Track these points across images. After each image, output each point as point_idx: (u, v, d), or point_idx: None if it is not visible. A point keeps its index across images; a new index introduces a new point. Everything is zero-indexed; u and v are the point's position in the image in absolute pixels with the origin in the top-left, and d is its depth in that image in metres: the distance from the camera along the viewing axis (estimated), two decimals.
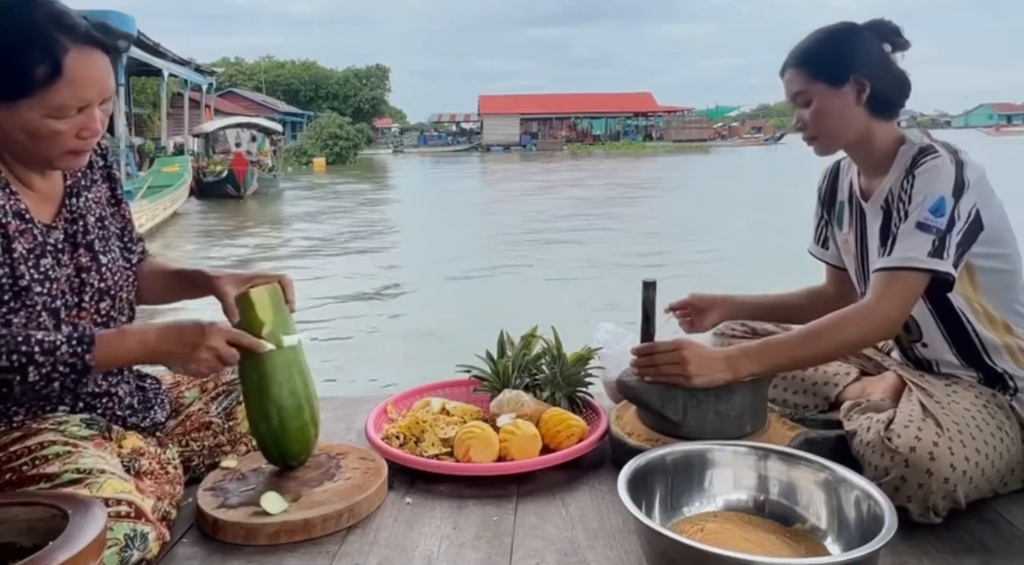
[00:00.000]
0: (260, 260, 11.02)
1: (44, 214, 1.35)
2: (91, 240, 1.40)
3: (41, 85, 1.18)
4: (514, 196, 19.76)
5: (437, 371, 2.18)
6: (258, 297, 1.46)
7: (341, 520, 1.39)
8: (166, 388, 1.62)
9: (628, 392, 1.63)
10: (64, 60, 1.18)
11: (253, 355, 1.42)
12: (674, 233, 12.41)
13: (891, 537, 1.06)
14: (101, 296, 1.40)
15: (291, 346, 1.48)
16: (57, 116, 1.21)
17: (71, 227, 1.38)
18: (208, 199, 19.26)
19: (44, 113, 1.20)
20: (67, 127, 1.23)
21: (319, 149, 40.20)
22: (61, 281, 1.33)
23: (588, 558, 1.31)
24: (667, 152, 50.75)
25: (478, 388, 1.90)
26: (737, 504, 1.34)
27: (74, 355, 1.23)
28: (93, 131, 1.27)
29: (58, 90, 1.19)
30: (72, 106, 1.22)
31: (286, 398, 1.46)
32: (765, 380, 1.60)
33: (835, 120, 1.56)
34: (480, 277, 9.17)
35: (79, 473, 1.18)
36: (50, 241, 1.33)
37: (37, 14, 1.19)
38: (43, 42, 1.17)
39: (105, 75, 1.25)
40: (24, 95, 1.18)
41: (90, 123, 1.25)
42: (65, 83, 1.19)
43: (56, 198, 1.38)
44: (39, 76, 1.17)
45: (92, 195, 1.45)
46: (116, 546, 1.10)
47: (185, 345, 1.31)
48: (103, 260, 1.41)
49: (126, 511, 1.15)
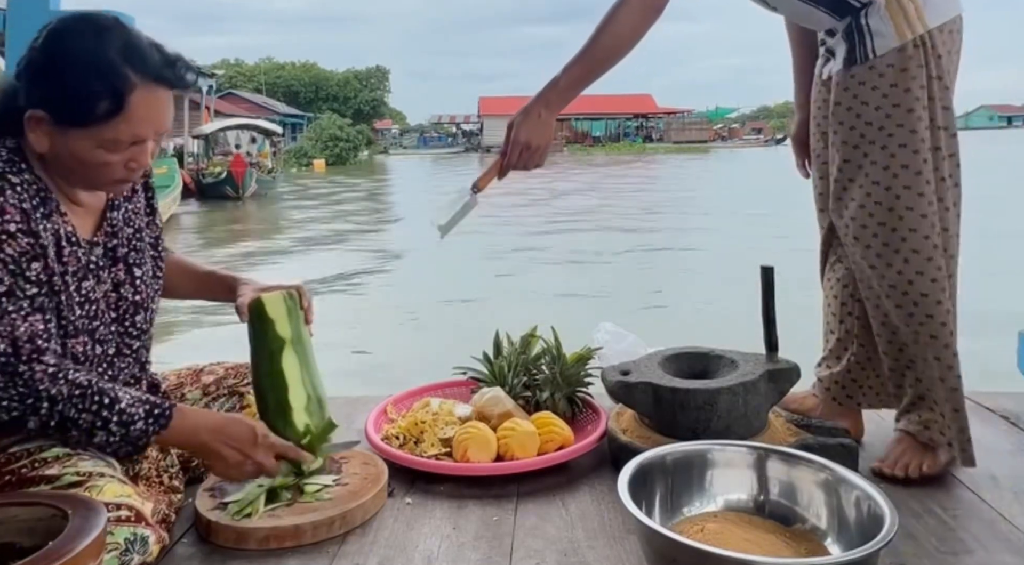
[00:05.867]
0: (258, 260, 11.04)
1: (86, 230, 1.33)
2: (126, 253, 1.39)
3: (100, 120, 1.15)
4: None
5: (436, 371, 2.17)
6: (269, 300, 1.47)
7: (333, 527, 1.38)
8: (169, 389, 1.62)
9: (613, 395, 1.67)
10: (128, 98, 1.16)
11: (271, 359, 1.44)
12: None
13: (891, 537, 1.06)
14: (136, 309, 1.39)
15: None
16: (109, 149, 1.19)
17: (110, 241, 1.36)
18: (207, 200, 19.27)
19: (96, 144, 1.18)
20: (117, 159, 1.21)
21: (319, 151, 40.23)
22: (100, 301, 1.32)
23: (588, 558, 1.31)
24: (667, 153, 50.70)
25: (475, 389, 1.90)
26: (737, 504, 1.34)
27: (144, 434, 1.21)
28: (142, 164, 1.25)
29: (116, 126, 1.17)
30: (126, 142, 1.20)
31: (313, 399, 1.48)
32: (761, 382, 1.60)
33: None
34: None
35: (79, 476, 1.18)
36: (92, 258, 1.32)
37: (110, 45, 1.16)
38: (111, 76, 1.15)
39: (165, 114, 1.23)
40: (81, 125, 1.16)
41: (141, 157, 1.24)
42: (124, 120, 1.16)
43: (98, 211, 1.36)
44: (100, 110, 1.15)
45: (131, 206, 1.43)
46: (116, 550, 1.10)
47: (234, 450, 1.30)
48: (137, 273, 1.40)
49: (126, 515, 1.14)
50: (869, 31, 1.54)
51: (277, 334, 1.46)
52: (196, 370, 1.68)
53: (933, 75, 1.52)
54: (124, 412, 1.20)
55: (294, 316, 1.49)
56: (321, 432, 1.46)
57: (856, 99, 1.57)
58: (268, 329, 1.45)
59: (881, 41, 1.53)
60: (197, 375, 1.66)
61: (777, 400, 1.67)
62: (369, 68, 67.14)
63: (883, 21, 1.53)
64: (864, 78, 1.55)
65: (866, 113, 1.56)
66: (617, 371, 1.69)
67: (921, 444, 1.60)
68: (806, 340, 1.98)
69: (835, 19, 1.59)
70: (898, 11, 1.51)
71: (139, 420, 1.21)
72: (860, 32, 1.55)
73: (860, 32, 1.55)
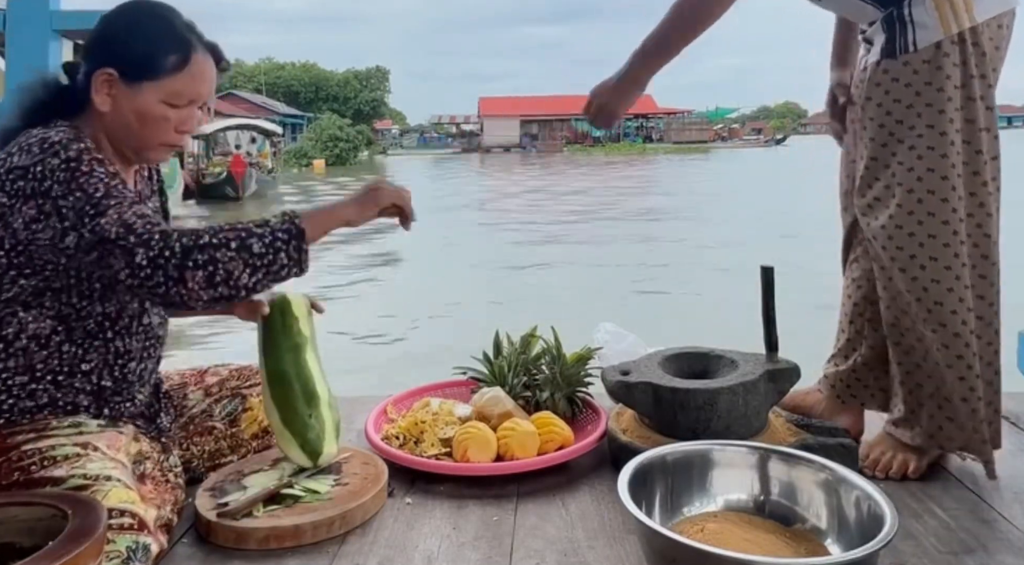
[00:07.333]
0: None
1: None
2: None
3: (169, 71, 1.32)
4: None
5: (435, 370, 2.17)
6: (295, 298, 1.53)
7: (332, 527, 1.38)
8: (172, 389, 1.62)
9: (613, 395, 1.67)
10: (192, 56, 1.34)
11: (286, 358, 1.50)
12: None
13: (891, 537, 1.06)
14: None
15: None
16: (171, 102, 1.33)
17: None
18: (207, 201, 19.26)
19: (161, 97, 1.32)
20: (174, 117, 1.34)
21: (319, 151, 40.24)
22: None
23: (588, 558, 1.31)
24: (667, 153, 50.70)
25: (475, 389, 1.90)
26: (737, 504, 1.34)
27: (285, 221, 1.27)
28: (190, 128, 1.38)
29: (180, 79, 1.33)
30: (186, 97, 1.34)
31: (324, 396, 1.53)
32: (761, 382, 1.60)
33: None
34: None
35: (85, 479, 1.18)
36: None
37: (177, 18, 1.36)
38: (179, 37, 1.34)
39: (214, 80, 1.39)
40: (151, 78, 1.31)
41: (190, 120, 1.37)
42: (187, 74, 1.33)
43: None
44: (170, 63, 1.32)
45: (152, 205, 1.51)
46: (118, 558, 1.10)
47: (365, 194, 1.38)
48: None
49: (129, 523, 1.15)
50: (912, 22, 1.46)
51: (301, 331, 1.52)
52: (200, 371, 1.69)
53: (975, 74, 1.44)
54: (251, 221, 1.26)
55: (311, 320, 1.56)
56: (338, 430, 1.55)
57: (888, 95, 1.50)
58: (293, 324, 1.52)
59: (923, 34, 1.45)
60: (201, 376, 1.67)
61: (777, 400, 1.67)
62: (369, 68, 67.23)
63: (927, 12, 1.44)
64: (897, 73, 1.48)
65: (896, 110, 1.49)
66: (617, 371, 1.69)
67: (903, 444, 1.59)
68: (806, 340, 1.98)
69: (879, 10, 1.51)
70: (944, 1, 1.42)
71: (271, 218, 1.28)
72: (902, 23, 1.47)
73: (902, 23, 1.47)
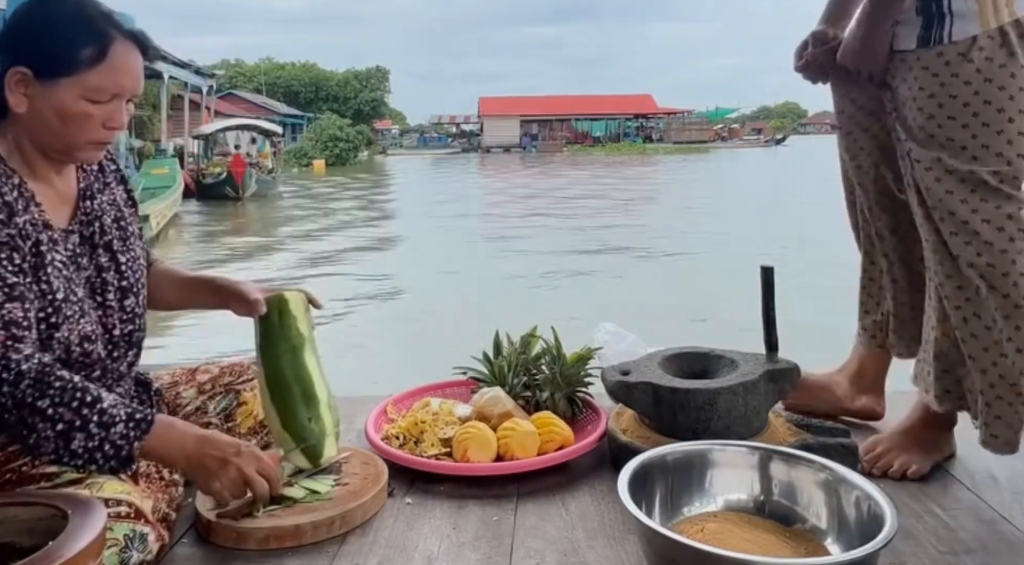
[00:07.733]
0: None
1: (61, 219, 1.34)
2: (109, 240, 1.40)
3: (85, 66, 1.24)
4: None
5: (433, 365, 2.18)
6: (292, 298, 1.51)
7: (332, 527, 1.38)
8: (163, 387, 1.62)
9: (613, 395, 1.66)
10: (110, 47, 1.26)
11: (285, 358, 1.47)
12: None
13: (891, 537, 1.06)
14: (124, 294, 1.40)
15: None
16: (92, 98, 1.26)
17: (87, 229, 1.38)
18: (207, 201, 19.25)
19: (80, 93, 1.25)
20: (97, 113, 1.27)
21: (319, 151, 40.19)
22: (83, 288, 1.32)
23: (588, 558, 1.31)
24: (667, 153, 50.67)
25: (475, 389, 1.90)
26: (737, 504, 1.34)
27: (125, 438, 1.18)
28: (118, 124, 1.31)
29: (99, 73, 1.25)
30: (108, 91, 1.27)
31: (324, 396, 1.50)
32: (761, 382, 1.60)
33: None
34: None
35: (79, 473, 1.18)
36: (68, 246, 1.32)
37: (91, 8, 1.29)
38: (93, 29, 1.26)
39: (139, 71, 1.32)
40: (67, 74, 1.24)
41: (117, 115, 1.30)
42: (107, 67, 1.25)
43: (71, 200, 1.38)
44: (85, 57, 1.24)
45: (106, 198, 1.45)
46: (116, 547, 1.10)
47: (215, 458, 1.28)
48: (122, 259, 1.41)
49: (126, 511, 1.15)
50: (950, 11, 1.39)
51: (299, 331, 1.50)
52: (191, 369, 1.68)
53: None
54: (104, 411, 1.17)
55: (309, 317, 1.54)
56: (336, 430, 1.52)
57: (922, 91, 1.44)
58: (292, 324, 1.49)
59: (961, 25, 1.39)
60: (192, 374, 1.66)
61: (777, 400, 1.67)
62: (369, 68, 67.09)
63: (967, 1, 1.38)
64: (927, 63, 1.43)
65: (927, 106, 1.44)
66: (617, 371, 1.69)
67: (910, 443, 1.59)
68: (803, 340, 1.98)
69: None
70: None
71: (120, 423, 1.18)
72: (940, 10, 1.41)
73: (940, 10, 1.41)
